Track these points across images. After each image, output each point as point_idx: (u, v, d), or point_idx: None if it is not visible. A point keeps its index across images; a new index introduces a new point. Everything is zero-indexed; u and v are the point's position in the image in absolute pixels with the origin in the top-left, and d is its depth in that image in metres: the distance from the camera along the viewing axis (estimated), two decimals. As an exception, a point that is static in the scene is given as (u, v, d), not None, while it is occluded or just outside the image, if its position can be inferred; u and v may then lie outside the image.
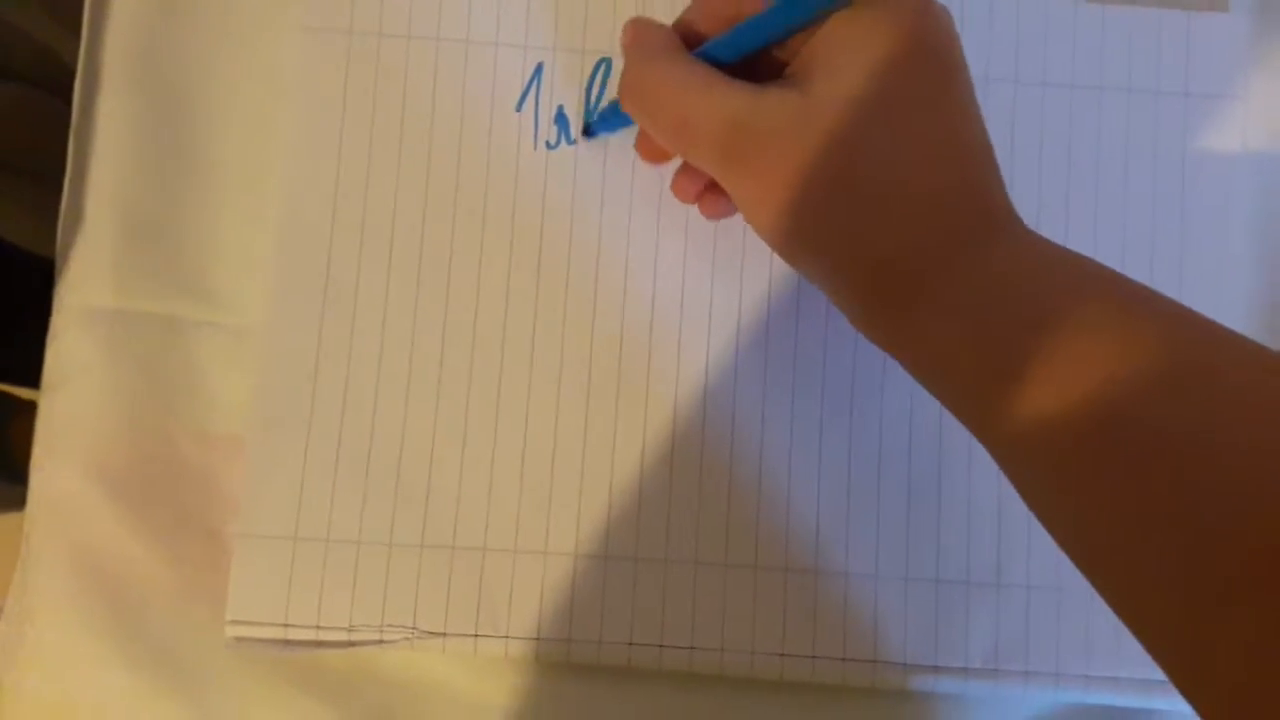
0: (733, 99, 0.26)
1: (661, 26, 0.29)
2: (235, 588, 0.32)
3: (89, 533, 0.32)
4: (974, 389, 0.24)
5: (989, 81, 0.35)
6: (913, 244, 0.25)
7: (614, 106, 0.33)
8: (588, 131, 0.34)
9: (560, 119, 0.35)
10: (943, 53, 0.26)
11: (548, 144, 0.35)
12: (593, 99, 0.35)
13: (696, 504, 0.33)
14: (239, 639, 0.32)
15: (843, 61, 0.25)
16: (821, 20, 0.26)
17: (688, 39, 0.29)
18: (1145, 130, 0.35)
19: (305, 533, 0.32)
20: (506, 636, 0.32)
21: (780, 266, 0.34)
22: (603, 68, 0.35)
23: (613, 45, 0.35)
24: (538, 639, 0.32)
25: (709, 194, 0.32)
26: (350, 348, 0.33)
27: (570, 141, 0.35)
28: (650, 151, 0.32)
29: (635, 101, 0.29)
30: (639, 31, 0.29)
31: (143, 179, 0.33)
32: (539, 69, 0.35)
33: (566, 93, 0.35)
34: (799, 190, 0.25)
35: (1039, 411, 0.22)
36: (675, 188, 0.32)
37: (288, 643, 0.32)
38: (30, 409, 0.54)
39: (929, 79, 0.25)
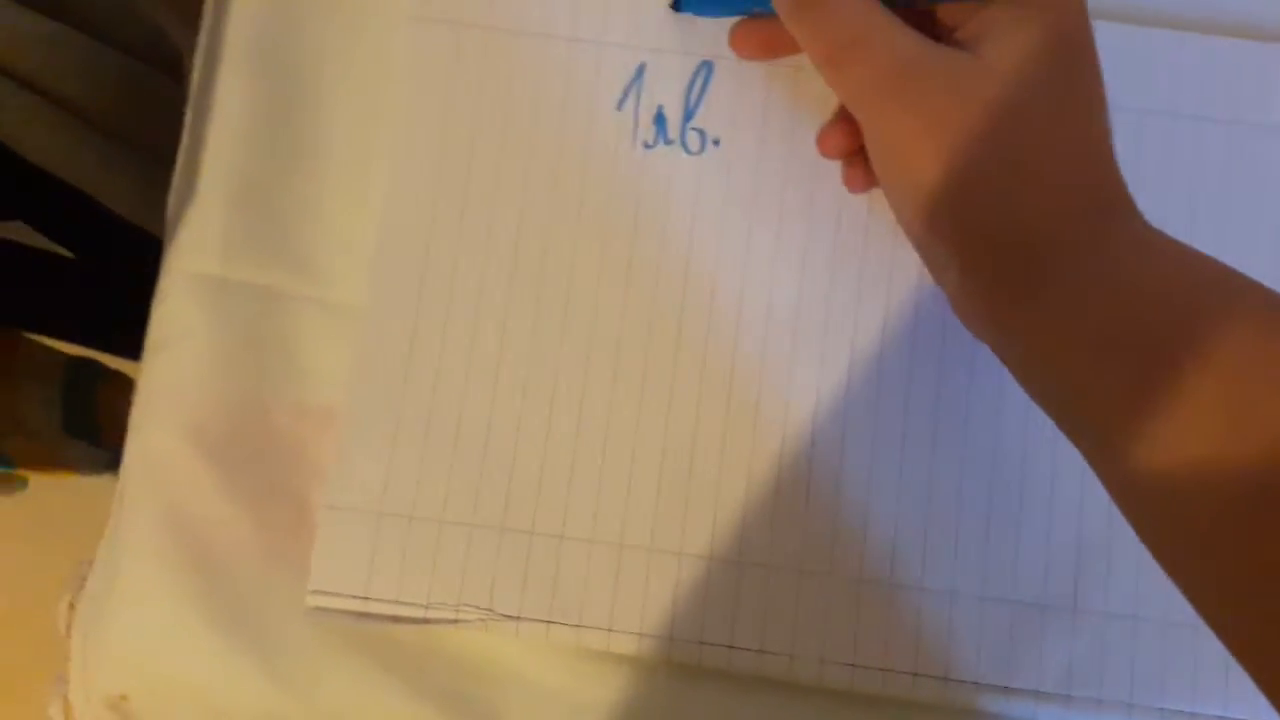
0: (911, 37, 0.27)
1: None
2: (318, 558, 0.32)
3: (181, 493, 0.33)
4: (1093, 400, 0.24)
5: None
6: (1050, 218, 0.25)
7: None
8: (676, 6, 0.35)
9: (659, 120, 0.35)
10: (1093, 45, 0.27)
11: (645, 144, 0.35)
12: (692, 101, 0.36)
13: (772, 507, 0.33)
14: (318, 608, 0.32)
15: (1014, 36, 0.26)
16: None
17: None
18: (1245, 162, 0.35)
19: (390, 508, 0.33)
20: (579, 625, 0.32)
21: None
22: (704, 71, 0.36)
23: (715, 49, 0.35)
24: (609, 630, 0.32)
25: (860, 163, 0.32)
26: (444, 331, 0.34)
27: (668, 142, 0.35)
28: (748, 46, 0.33)
29: (808, 11, 0.28)
30: None
31: (255, 154, 0.34)
32: (641, 69, 0.36)
33: (666, 94, 0.35)
34: (952, 143, 0.26)
35: (1185, 456, 0.21)
36: (822, 141, 0.33)
37: (365, 615, 0.32)
38: (116, 376, 0.56)
39: (1084, 68, 0.27)
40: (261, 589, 0.33)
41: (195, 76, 0.35)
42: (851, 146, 0.32)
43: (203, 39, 0.35)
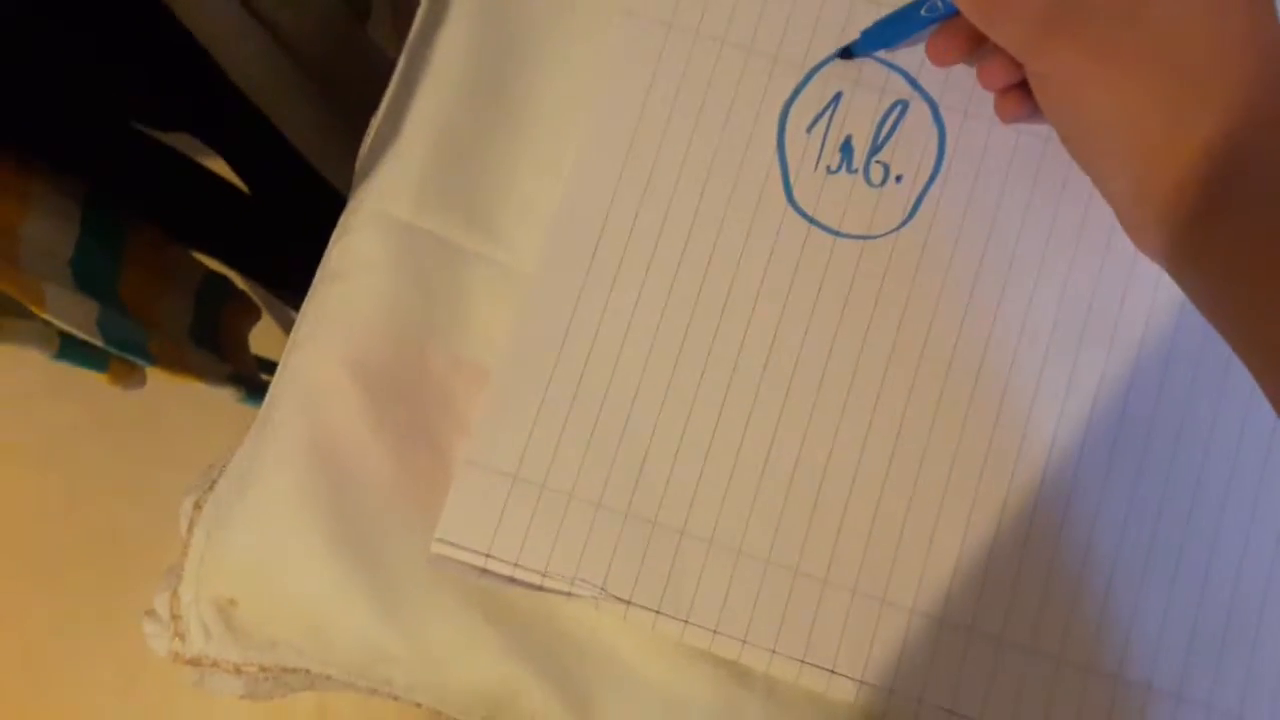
0: None
1: None
2: (450, 509, 0.33)
3: (332, 417, 0.34)
4: (1275, 315, 0.24)
5: None
6: (1231, 134, 0.25)
7: (883, 22, 0.35)
8: (848, 52, 0.36)
9: (845, 148, 0.36)
10: None
11: (829, 169, 0.36)
12: (881, 136, 0.36)
13: (897, 544, 0.33)
14: (440, 556, 0.33)
15: None
16: None
17: None
18: None
19: (525, 474, 0.33)
20: (686, 621, 0.33)
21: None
22: (897, 109, 0.36)
23: (911, 91, 0.36)
24: (714, 631, 0.33)
25: (1014, 94, 0.32)
26: (604, 312, 0.34)
27: (851, 171, 0.36)
28: (944, 51, 0.33)
29: None
30: None
31: (463, 111, 0.35)
32: (837, 97, 0.36)
33: (857, 125, 0.36)
34: (1122, 73, 0.26)
35: None
36: (982, 73, 0.33)
37: (484, 572, 0.33)
38: (243, 297, 0.58)
39: None
40: (388, 525, 0.33)
41: (416, 25, 0.36)
42: (1011, 79, 0.32)
43: (429, -9, 0.36)
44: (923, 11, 0.33)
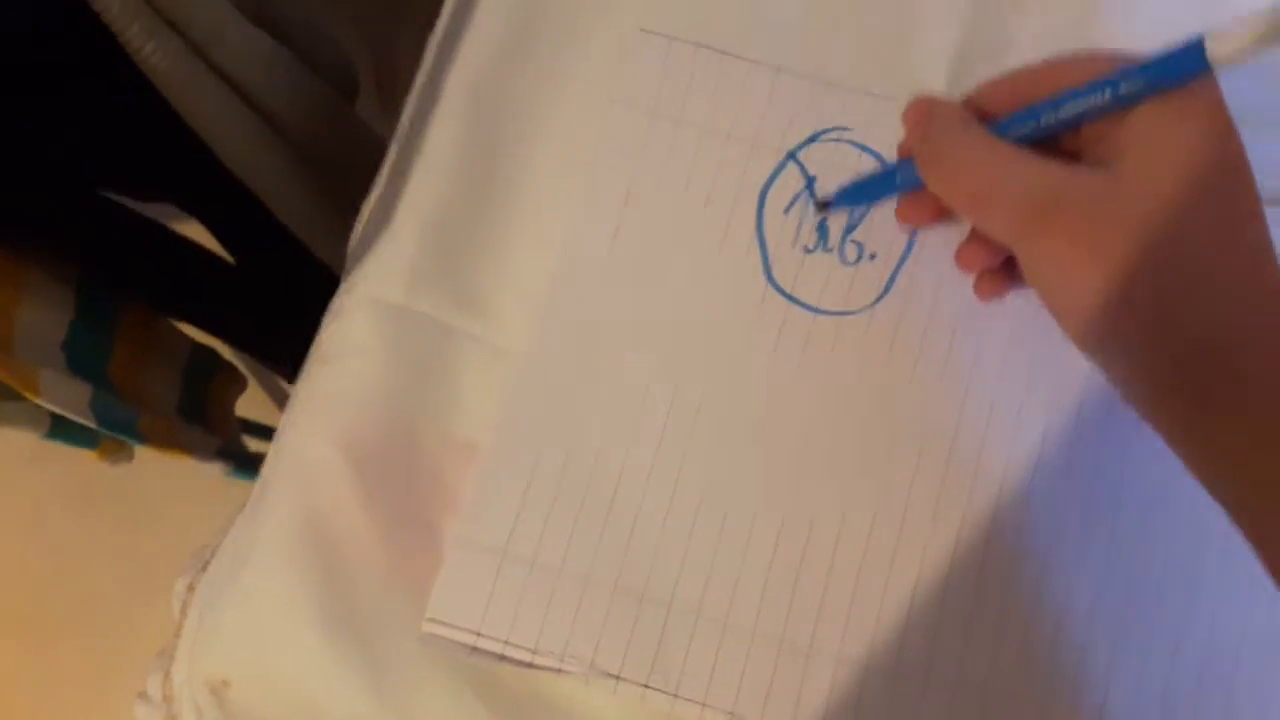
0: (1043, 169, 0.27)
1: (954, 102, 0.31)
2: (440, 588, 0.34)
3: (323, 497, 0.34)
4: None
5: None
6: (1232, 326, 0.25)
7: (857, 184, 0.36)
8: (824, 206, 0.37)
9: (822, 227, 0.37)
10: (1239, 142, 0.27)
11: (806, 248, 0.37)
12: (855, 216, 0.37)
13: (888, 616, 0.34)
14: (432, 635, 0.33)
15: (1162, 146, 0.26)
16: (1129, 106, 0.27)
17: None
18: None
19: (514, 550, 0.34)
20: (675, 695, 0.33)
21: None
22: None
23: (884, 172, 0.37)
24: (703, 704, 0.33)
25: (993, 275, 0.33)
26: (594, 390, 0.35)
27: (827, 249, 0.37)
28: (913, 214, 0.34)
29: (936, 168, 0.30)
30: (931, 105, 0.31)
31: (454, 197, 0.36)
32: (812, 180, 0.38)
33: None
34: (1108, 266, 0.26)
35: None
36: (960, 256, 0.34)
37: (475, 650, 0.33)
38: (231, 369, 0.58)
39: (1237, 171, 0.27)
40: (380, 604, 0.34)
41: (407, 115, 0.37)
42: (991, 263, 0.33)
43: (421, 79, 0.38)
44: (897, 180, 0.35)
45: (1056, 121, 0.29)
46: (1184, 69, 0.27)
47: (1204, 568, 0.35)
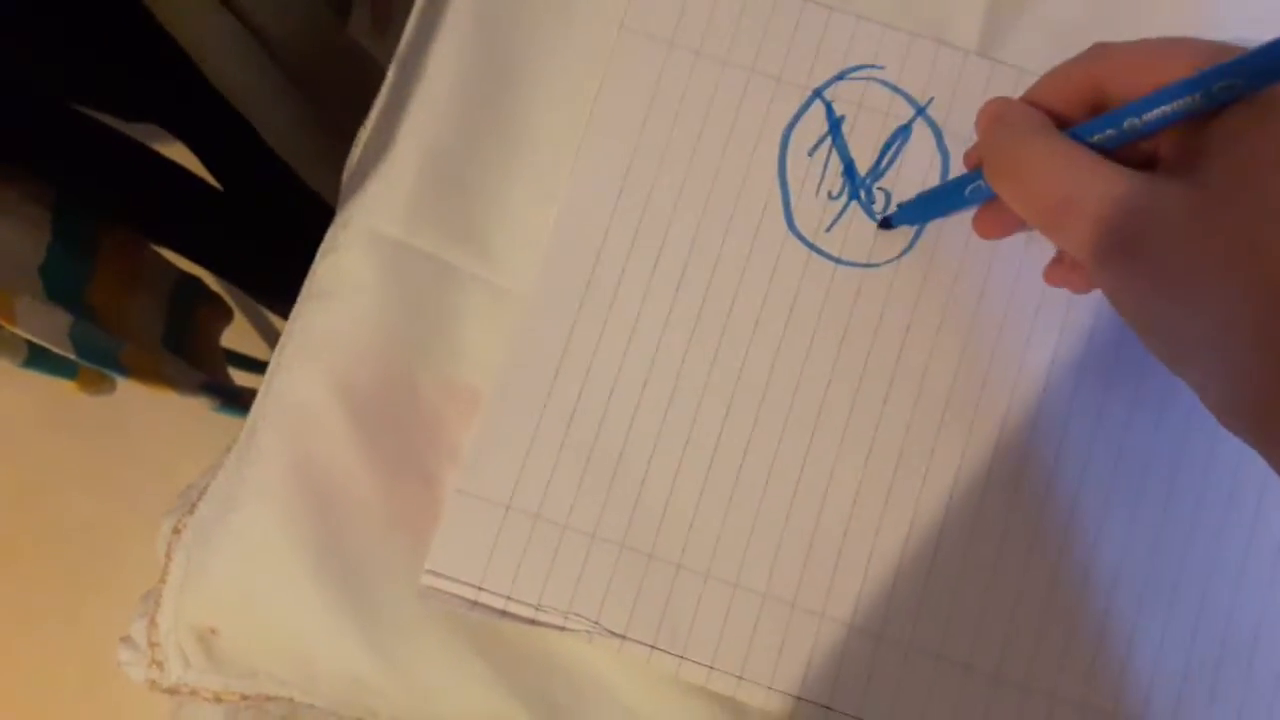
0: (1126, 180, 0.25)
1: (1028, 105, 0.28)
2: (440, 540, 0.32)
3: (317, 442, 0.33)
4: None
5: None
6: None
7: (922, 198, 0.34)
8: (886, 224, 0.35)
9: (849, 171, 0.35)
10: None
11: (830, 194, 0.35)
12: (884, 163, 0.35)
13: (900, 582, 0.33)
14: (430, 588, 0.32)
15: (1245, 151, 0.24)
16: (1212, 111, 0.25)
17: None
18: None
19: (518, 504, 0.33)
20: (681, 656, 0.32)
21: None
22: (901, 136, 0.36)
23: (915, 117, 0.35)
24: (710, 667, 0.32)
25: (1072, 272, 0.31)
26: (600, 338, 0.34)
27: (853, 197, 0.35)
28: (991, 227, 0.31)
29: (1007, 178, 0.27)
30: (1004, 108, 0.28)
31: (455, 126, 0.34)
32: (840, 121, 0.36)
33: (860, 151, 0.35)
34: (1200, 283, 0.23)
35: None
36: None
37: (475, 604, 0.32)
38: (216, 300, 0.56)
39: None
40: (375, 555, 0.33)
41: (407, 36, 0.35)
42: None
43: (421, 1, 0.35)
44: (966, 192, 0.31)
45: (1142, 126, 0.26)
46: None
47: (1230, 534, 0.34)
